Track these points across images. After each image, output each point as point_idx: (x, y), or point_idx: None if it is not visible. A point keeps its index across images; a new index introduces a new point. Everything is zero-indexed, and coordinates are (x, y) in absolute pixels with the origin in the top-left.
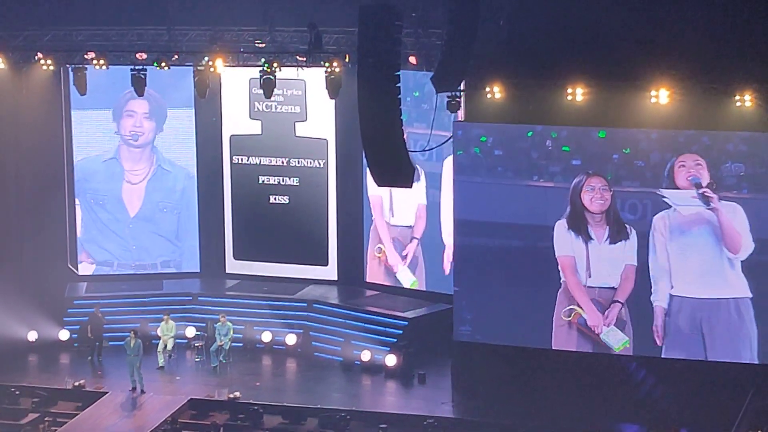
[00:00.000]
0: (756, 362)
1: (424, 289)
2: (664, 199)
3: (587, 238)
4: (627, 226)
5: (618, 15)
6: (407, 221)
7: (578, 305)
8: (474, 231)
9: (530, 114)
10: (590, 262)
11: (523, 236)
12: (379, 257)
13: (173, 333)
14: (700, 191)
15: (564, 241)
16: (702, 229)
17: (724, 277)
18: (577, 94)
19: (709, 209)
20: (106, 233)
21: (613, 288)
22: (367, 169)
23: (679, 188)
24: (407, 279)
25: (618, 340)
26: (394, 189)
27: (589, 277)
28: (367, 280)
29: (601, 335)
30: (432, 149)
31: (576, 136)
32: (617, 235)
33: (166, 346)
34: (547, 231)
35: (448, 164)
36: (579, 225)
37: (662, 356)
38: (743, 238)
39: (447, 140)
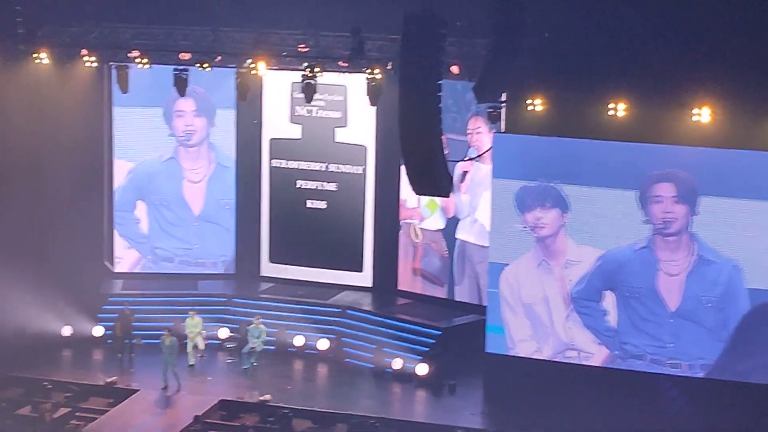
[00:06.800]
0: None
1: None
2: None
3: None
4: None
5: (662, 32)
6: (437, 225)
7: None
8: (508, 246)
9: (571, 128)
10: None
11: None
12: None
13: (199, 329)
14: None
15: None
16: None
17: None
18: (619, 109)
19: None
20: (171, 231)
21: None
22: (403, 177)
23: None
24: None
25: None
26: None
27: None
28: (400, 288)
29: None
30: (472, 159)
31: None
32: None
33: (196, 344)
34: None
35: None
36: None
37: None
38: None
39: (487, 150)
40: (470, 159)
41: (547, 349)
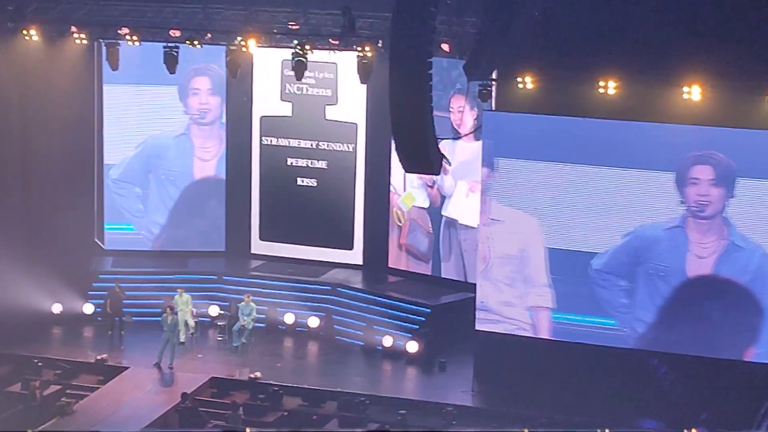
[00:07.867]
0: None
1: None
2: None
3: None
4: None
5: (653, 9)
6: (422, 204)
7: None
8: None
9: (561, 105)
10: None
11: None
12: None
13: (189, 306)
14: None
15: None
16: None
17: None
18: (609, 87)
19: None
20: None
21: None
22: (394, 155)
23: None
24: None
25: None
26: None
27: None
28: (390, 266)
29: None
30: (461, 137)
31: None
32: None
33: (186, 322)
34: None
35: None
36: None
37: None
38: None
39: (477, 128)
40: (461, 137)
41: None
